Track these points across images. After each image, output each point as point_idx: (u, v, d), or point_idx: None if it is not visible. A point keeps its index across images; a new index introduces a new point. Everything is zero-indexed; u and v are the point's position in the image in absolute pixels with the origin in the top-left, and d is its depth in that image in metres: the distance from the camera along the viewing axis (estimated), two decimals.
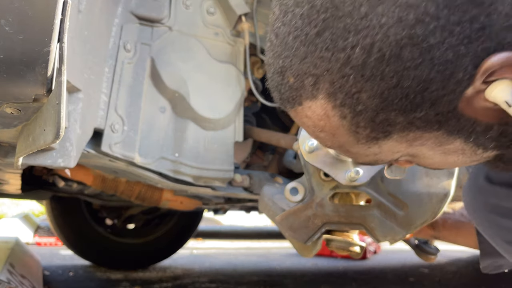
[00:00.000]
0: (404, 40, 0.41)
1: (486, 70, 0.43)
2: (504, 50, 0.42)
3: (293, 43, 0.46)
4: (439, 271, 3.13)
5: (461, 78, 0.43)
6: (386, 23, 0.41)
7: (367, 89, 0.44)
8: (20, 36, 0.66)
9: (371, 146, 0.50)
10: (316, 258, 3.44)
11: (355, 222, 1.01)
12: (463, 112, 0.47)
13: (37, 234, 4.00)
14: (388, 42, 0.42)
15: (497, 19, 0.41)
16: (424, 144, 0.50)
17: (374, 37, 0.42)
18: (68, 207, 2.65)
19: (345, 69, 0.44)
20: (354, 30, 0.42)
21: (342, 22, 0.43)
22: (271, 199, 1.17)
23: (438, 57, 0.42)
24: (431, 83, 0.43)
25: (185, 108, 1.31)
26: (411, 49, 0.42)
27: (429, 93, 0.44)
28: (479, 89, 0.45)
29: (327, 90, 0.46)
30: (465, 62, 0.42)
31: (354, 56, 0.43)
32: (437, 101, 0.45)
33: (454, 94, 0.44)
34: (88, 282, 2.49)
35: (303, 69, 0.46)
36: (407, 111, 0.45)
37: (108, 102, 1.19)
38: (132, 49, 1.24)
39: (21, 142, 0.86)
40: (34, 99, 0.73)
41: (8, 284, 1.56)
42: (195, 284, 2.48)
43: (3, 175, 1.68)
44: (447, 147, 0.50)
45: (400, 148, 0.51)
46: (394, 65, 0.42)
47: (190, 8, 1.34)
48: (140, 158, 1.25)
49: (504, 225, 0.70)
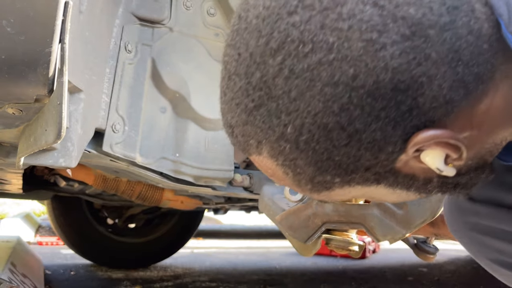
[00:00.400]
0: (331, 124, 0.43)
1: (415, 144, 0.44)
2: (432, 128, 0.44)
3: (236, 108, 0.48)
4: (438, 270, 3.13)
5: (391, 151, 0.45)
6: (313, 109, 0.43)
7: (303, 158, 0.46)
8: (21, 37, 0.66)
9: (318, 195, 0.53)
10: (316, 257, 3.44)
11: (355, 221, 1.01)
12: (400, 170, 0.48)
13: (39, 233, 4.00)
14: (316, 125, 0.44)
15: (424, 101, 0.43)
16: (368, 192, 0.52)
17: (304, 120, 0.44)
18: (69, 207, 2.66)
19: (280, 141, 0.46)
20: (285, 111, 0.44)
21: (274, 102, 0.44)
22: (271, 199, 1.17)
23: (365, 138, 0.44)
24: (361, 157, 0.45)
25: (185, 108, 1.31)
26: (338, 132, 0.44)
27: (361, 163, 0.46)
28: (413, 156, 0.46)
29: (268, 152, 0.48)
30: (394, 139, 0.44)
31: (287, 133, 0.45)
32: (370, 167, 0.47)
33: (387, 161, 0.46)
34: (89, 281, 2.50)
35: (246, 132, 0.48)
36: (342, 175, 0.48)
37: (109, 102, 1.19)
38: (133, 50, 1.24)
39: (23, 142, 0.87)
40: (36, 99, 0.74)
41: (10, 284, 1.57)
42: (195, 283, 2.48)
43: (4, 175, 1.68)
44: (391, 194, 0.52)
45: (347, 195, 0.53)
46: (324, 144, 0.45)
47: (190, 9, 1.35)
48: (141, 158, 1.25)
49: (486, 243, 0.70)
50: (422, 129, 0.44)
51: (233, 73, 0.47)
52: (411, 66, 0.41)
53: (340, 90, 0.42)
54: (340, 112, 0.43)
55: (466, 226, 0.73)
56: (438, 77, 0.42)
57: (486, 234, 0.70)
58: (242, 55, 0.46)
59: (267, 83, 0.44)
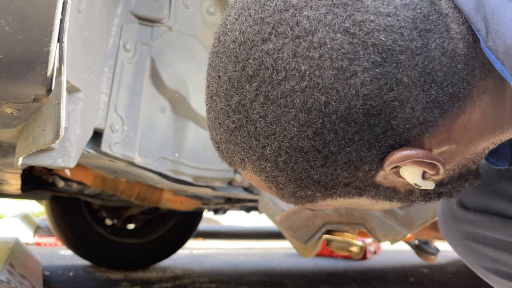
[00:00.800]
0: (306, 148, 0.45)
1: (391, 163, 0.45)
2: (406, 148, 0.45)
3: (219, 127, 0.50)
4: (439, 271, 3.13)
5: (368, 169, 0.46)
6: (289, 133, 0.44)
7: (283, 175, 0.48)
8: (20, 36, 0.66)
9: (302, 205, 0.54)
10: (316, 258, 3.43)
11: (356, 222, 1.01)
12: (380, 184, 0.49)
13: (37, 234, 3.99)
14: (293, 148, 0.45)
15: (397, 124, 0.43)
16: (351, 203, 0.53)
17: (281, 143, 0.45)
18: (68, 207, 2.65)
19: (261, 161, 0.48)
20: (263, 134, 0.46)
21: (253, 125, 0.46)
22: (271, 199, 1.17)
23: (340, 159, 0.45)
24: (339, 176, 0.47)
25: (185, 108, 1.31)
26: (314, 154, 0.45)
27: (338, 181, 0.47)
28: (391, 172, 0.47)
29: (252, 169, 0.50)
30: (370, 158, 0.45)
31: (267, 153, 0.47)
32: (350, 183, 0.48)
33: (366, 178, 0.48)
34: (88, 282, 2.49)
35: (230, 150, 0.50)
36: (322, 191, 0.49)
37: (108, 102, 1.19)
38: (132, 49, 1.24)
39: (21, 142, 0.86)
40: (34, 99, 0.73)
41: (8, 284, 1.56)
42: (195, 284, 2.48)
43: (3, 175, 1.68)
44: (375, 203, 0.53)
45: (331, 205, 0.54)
46: (302, 164, 0.46)
47: (190, 8, 1.34)
48: (140, 158, 1.25)
49: (480, 251, 0.70)
50: (397, 148, 0.45)
51: (215, 94, 0.49)
52: (382, 92, 0.42)
53: (313, 116, 0.43)
54: (315, 136, 0.44)
55: (460, 234, 0.73)
56: (410, 100, 0.43)
57: (480, 242, 0.70)
58: (222, 78, 0.48)
59: (245, 107, 0.46)
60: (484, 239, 0.69)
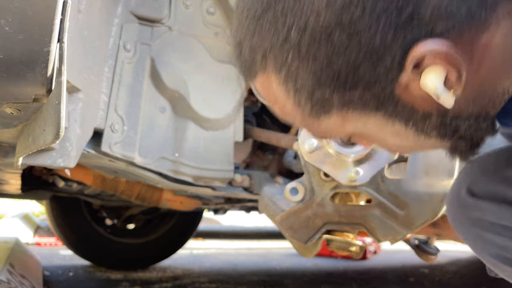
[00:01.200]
0: (333, 24, 0.44)
1: (414, 58, 0.44)
2: (432, 39, 0.44)
3: (245, 20, 0.50)
4: (439, 271, 3.12)
5: (389, 65, 0.45)
6: (316, 8, 0.44)
7: (303, 66, 0.48)
8: (20, 36, 0.66)
9: (317, 121, 0.53)
10: (316, 258, 3.43)
11: (356, 222, 1.01)
12: (400, 97, 0.49)
13: (37, 234, 3.99)
14: (319, 25, 0.45)
15: (425, 10, 0.43)
16: (366, 125, 0.52)
17: (307, 20, 0.45)
18: (68, 207, 2.65)
19: (284, 47, 0.47)
20: (290, 12, 0.46)
21: (281, 4, 0.46)
22: (271, 199, 1.17)
23: (364, 42, 0.44)
24: (360, 67, 0.46)
25: (185, 108, 1.31)
26: (339, 33, 0.45)
27: (359, 75, 0.46)
28: (413, 78, 0.46)
29: (273, 65, 0.49)
30: (393, 49, 0.45)
31: (291, 36, 0.46)
32: (370, 84, 0.47)
33: (387, 80, 0.47)
34: (88, 282, 2.49)
35: (254, 44, 0.50)
36: (341, 90, 0.48)
37: (108, 102, 1.19)
38: (132, 49, 1.24)
39: (21, 142, 0.86)
40: (34, 99, 0.73)
41: (8, 284, 1.56)
42: (195, 284, 2.48)
43: (3, 175, 1.68)
44: (389, 129, 0.52)
45: (345, 126, 0.53)
46: (325, 47, 0.46)
47: (190, 8, 1.34)
48: (140, 158, 1.25)
49: (488, 239, 0.70)
50: (421, 41, 0.44)
51: None
52: None
53: None
54: (342, 11, 0.44)
55: (468, 222, 0.72)
56: None
57: (488, 230, 0.69)
58: None
59: None
60: (493, 227, 0.69)
